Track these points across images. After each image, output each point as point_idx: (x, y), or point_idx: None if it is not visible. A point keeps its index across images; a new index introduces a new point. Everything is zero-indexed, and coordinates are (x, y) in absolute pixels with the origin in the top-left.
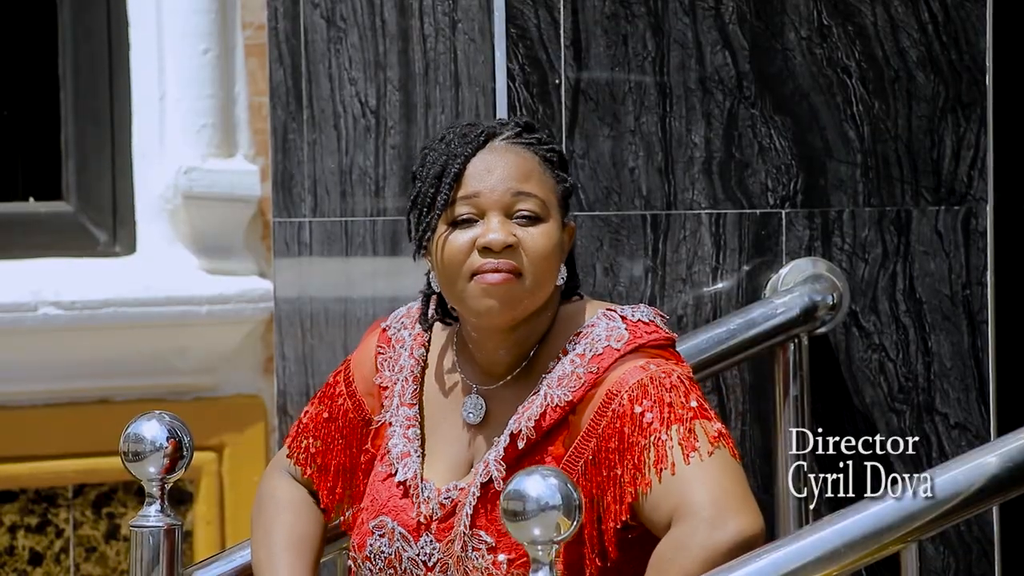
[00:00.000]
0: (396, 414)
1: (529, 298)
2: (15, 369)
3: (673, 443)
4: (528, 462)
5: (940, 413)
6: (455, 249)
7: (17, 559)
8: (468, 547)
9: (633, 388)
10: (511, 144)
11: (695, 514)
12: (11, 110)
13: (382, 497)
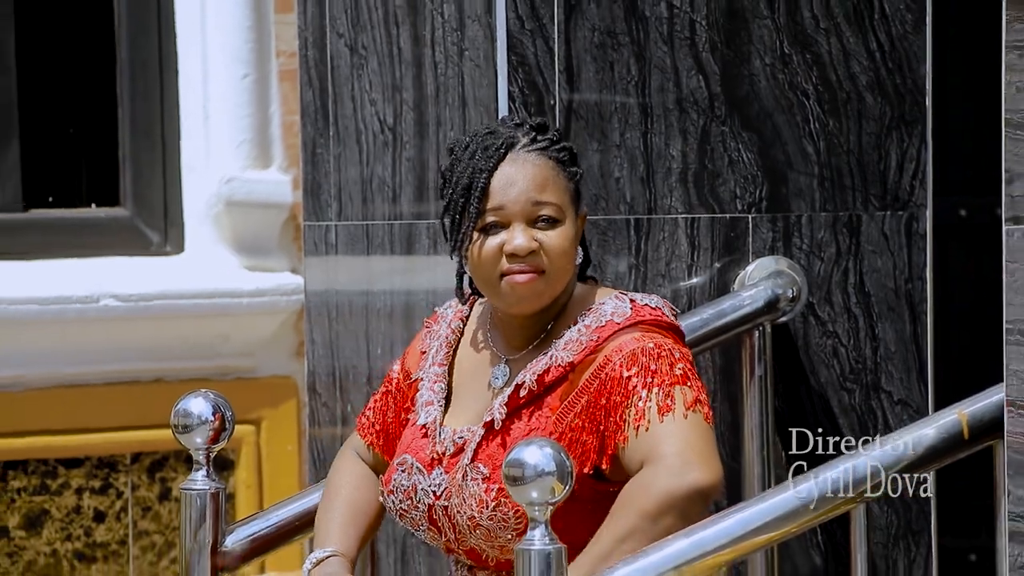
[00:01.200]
0: (427, 371)
1: (551, 290)
2: (81, 353)
3: (652, 404)
4: (528, 409)
5: (885, 391)
6: (487, 256)
7: (83, 517)
8: (467, 476)
9: (625, 356)
10: (528, 153)
11: (660, 461)
12: (76, 128)
13: (406, 439)
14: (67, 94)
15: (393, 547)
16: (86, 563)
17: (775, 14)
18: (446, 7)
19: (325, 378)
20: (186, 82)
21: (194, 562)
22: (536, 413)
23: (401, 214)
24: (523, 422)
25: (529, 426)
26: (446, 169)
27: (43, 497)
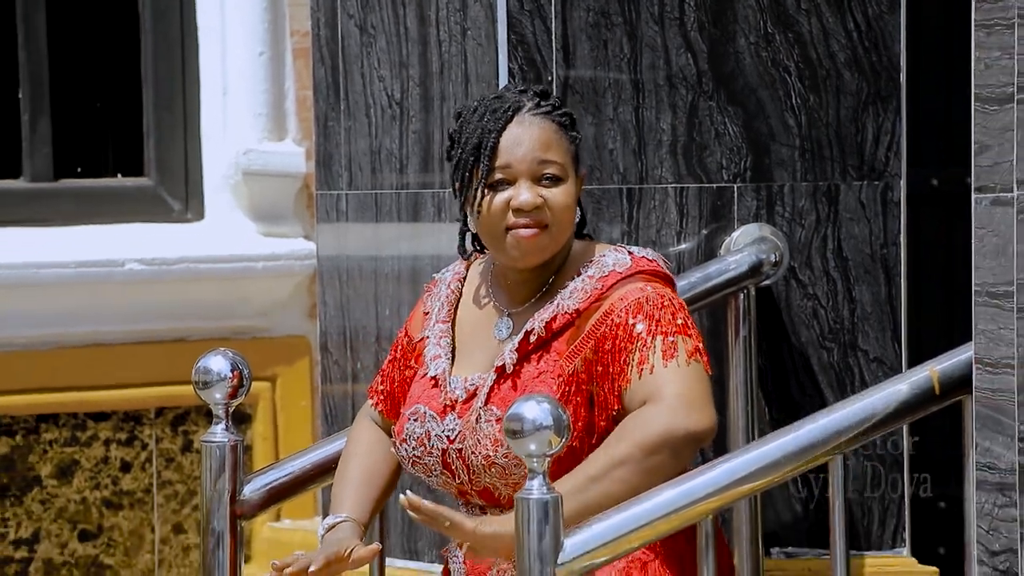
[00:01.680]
0: (432, 329)
1: (553, 244)
2: (107, 314)
3: (656, 350)
4: (537, 354)
5: (862, 350)
6: (495, 210)
7: (111, 467)
8: (481, 419)
9: (630, 304)
10: (533, 116)
11: (661, 401)
12: (103, 103)
13: (416, 392)
14: (95, 72)
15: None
16: (113, 510)
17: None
18: None
19: (336, 338)
20: (206, 60)
21: (214, 510)
22: (544, 357)
23: (408, 184)
24: (532, 366)
25: (538, 369)
26: (454, 131)
27: (73, 448)
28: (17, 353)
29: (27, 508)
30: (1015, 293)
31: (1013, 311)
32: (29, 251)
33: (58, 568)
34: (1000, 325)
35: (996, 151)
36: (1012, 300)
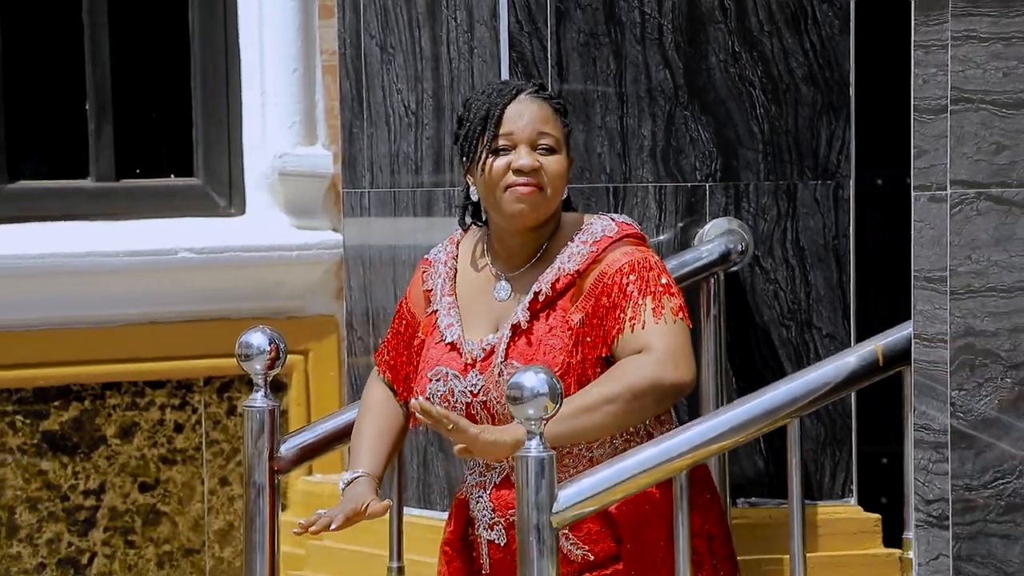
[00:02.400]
0: (440, 303)
1: (547, 205)
2: (162, 296)
3: (646, 307)
4: (545, 312)
5: (816, 327)
6: (497, 171)
7: (166, 428)
8: (503, 373)
9: (623, 266)
10: (533, 97)
11: (653, 352)
12: (158, 113)
13: (435, 356)
14: (150, 85)
15: (416, 454)
16: (168, 465)
17: (728, 19)
18: (459, 13)
19: (360, 317)
20: (247, 76)
21: (255, 465)
22: (552, 314)
23: (422, 183)
24: (542, 322)
25: (548, 325)
26: (463, 111)
27: (134, 412)
28: (85, 330)
29: (94, 463)
30: (948, 278)
31: (947, 294)
32: (95, 242)
33: (121, 515)
34: (935, 306)
35: (932, 155)
36: (946, 284)
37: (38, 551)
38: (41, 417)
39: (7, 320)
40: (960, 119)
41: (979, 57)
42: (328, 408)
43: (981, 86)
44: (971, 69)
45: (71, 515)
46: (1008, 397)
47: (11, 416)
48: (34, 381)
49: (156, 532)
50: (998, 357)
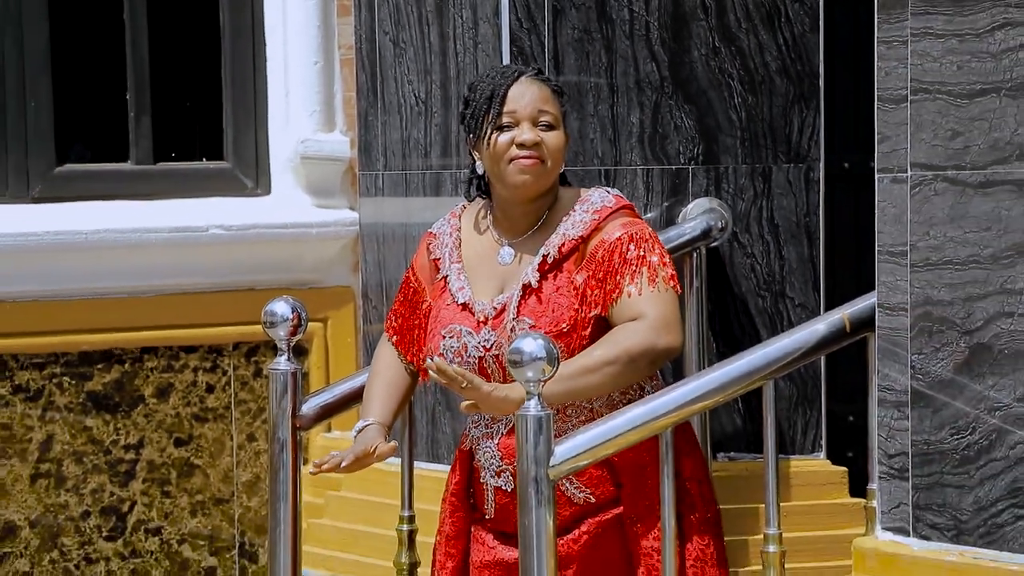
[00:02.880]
0: (450, 269)
1: (547, 176)
2: (195, 268)
3: (643, 276)
4: (552, 273)
5: (789, 297)
6: (501, 145)
7: (198, 388)
8: (515, 329)
9: (623, 236)
10: (534, 79)
11: (647, 319)
12: (191, 102)
13: (448, 316)
14: (184, 77)
15: (425, 412)
16: (200, 422)
17: (708, 17)
18: (464, 12)
19: (375, 288)
20: (272, 68)
21: (279, 423)
22: (558, 275)
23: (431, 166)
24: (549, 282)
25: (555, 285)
26: (468, 93)
27: (170, 374)
28: (125, 299)
29: (134, 420)
30: (908, 252)
31: (907, 267)
32: (134, 220)
33: (158, 467)
34: (897, 277)
35: (894, 140)
36: (906, 258)
37: (83, 500)
38: (86, 379)
39: (55, 290)
40: (919, 108)
41: (935, 52)
42: (345, 371)
43: (938, 78)
44: (928, 62)
45: (113, 467)
46: (962, 360)
47: (59, 377)
48: (79, 346)
49: (190, 483)
50: (953, 324)
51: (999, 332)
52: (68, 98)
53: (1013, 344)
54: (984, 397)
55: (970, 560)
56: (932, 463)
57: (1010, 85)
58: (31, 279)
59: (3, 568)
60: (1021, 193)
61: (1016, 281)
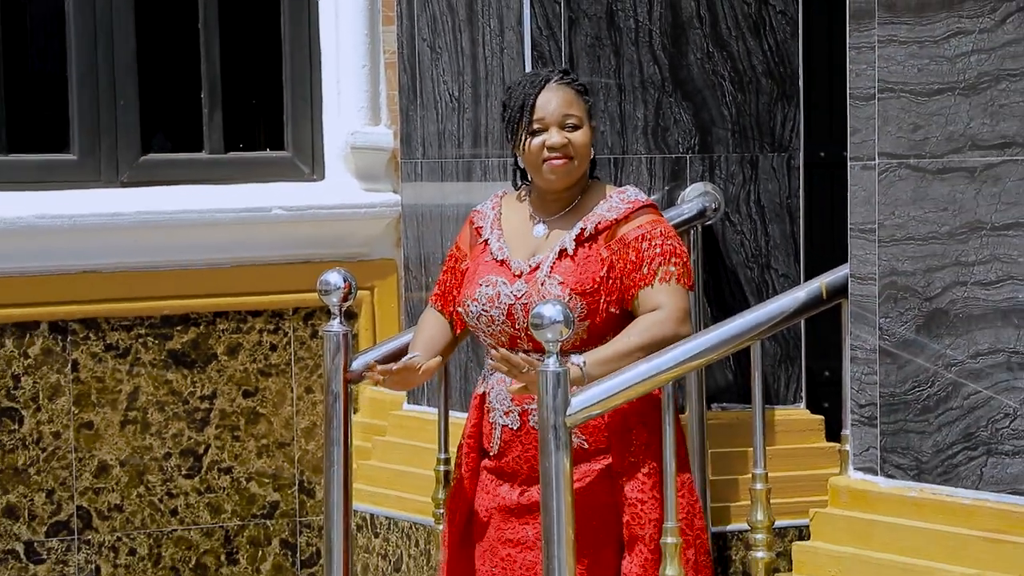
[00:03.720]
0: (491, 234)
1: (576, 171)
2: (259, 244)
3: (668, 271)
4: (586, 244)
5: (773, 268)
6: (534, 149)
7: (263, 347)
8: (546, 284)
9: (651, 232)
10: (559, 85)
11: (667, 309)
12: (257, 101)
13: (485, 269)
14: (250, 79)
15: (459, 369)
16: (265, 376)
17: (703, 26)
18: (492, 21)
19: (415, 260)
20: (326, 71)
21: (332, 377)
22: (591, 247)
23: (463, 155)
24: (583, 250)
25: (587, 253)
26: (505, 99)
27: (239, 335)
28: (201, 270)
29: (208, 375)
30: (876, 230)
31: (875, 242)
32: (207, 201)
33: (229, 415)
34: (867, 251)
35: (863, 133)
36: (875, 235)
37: (165, 443)
38: (167, 338)
39: (141, 262)
40: (885, 105)
41: (899, 56)
42: (389, 332)
43: (901, 79)
44: (893, 65)
45: (190, 415)
46: (922, 323)
47: (144, 337)
48: (161, 310)
49: (256, 429)
50: (915, 292)
51: (954, 299)
52: (152, 97)
53: (966, 309)
54: (941, 355)
55: (929, 495)
56: (897, 412)
57: (963, 85)
58: (120, 253)
59: (99, 500)
60: (973, 178)
61: (969, 255)
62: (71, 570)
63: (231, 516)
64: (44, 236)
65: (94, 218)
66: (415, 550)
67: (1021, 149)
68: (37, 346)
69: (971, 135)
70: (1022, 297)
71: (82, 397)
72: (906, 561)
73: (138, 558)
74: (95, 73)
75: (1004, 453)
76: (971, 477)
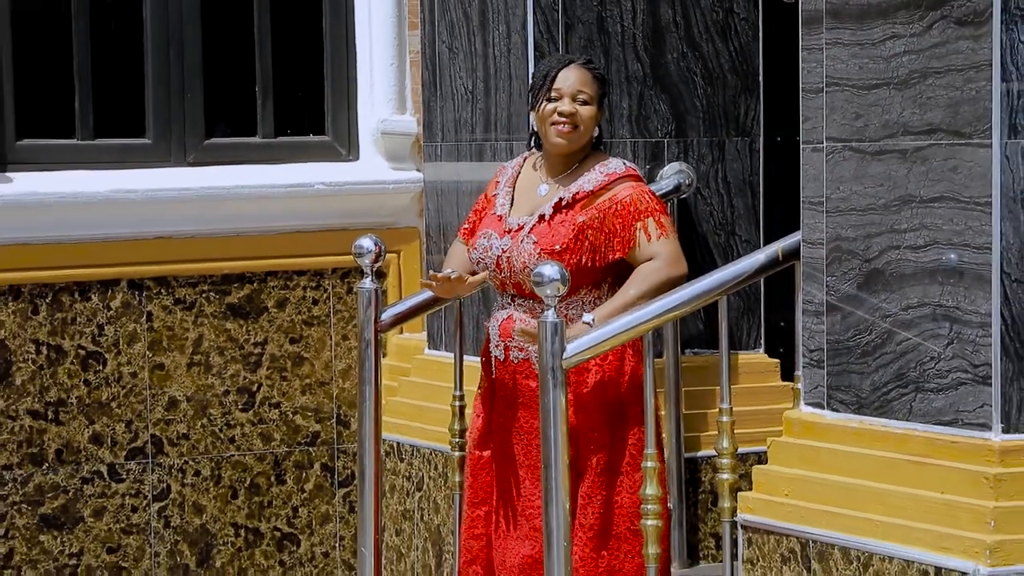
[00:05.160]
0: (502, 189)
1: (578, 139)
2: (303, 214)
3: (652, 226)
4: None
5: (737, 235)
6: (547, 111)
7: (306, 302)
8: (524, 241)
9: (634, 196)
10: (579, 66)
11: (661, 257)
12: (303, 94)
13: (487, 222)
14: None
15: (471, 319)
16: (308, 326)
17: (679, 30)
18: (501, 26)
19: (435, 229)
20: (360, 68)
21: (365, 327)
22: (567, 213)
23: (476, 140)
24: (559, 216)
25: (561, 219)
26: (535, 71)
27: (286, 291)
28: (254, 236)
29: (260, 324)
30: (824, 202)
31: (823, 212)
32: (261, 178)
33: (278, 359)
34: (816, 221)
35: (813, 120)
36: (823, 206)
37: (224, 382)
38: (225, 294)
39: (204, 230)
40: (832, 97)
41: (843, 56)
42: (413, 289)
43: (845, 75)
44: (839, 64)
45: (245, 358)
46: (862, 281)
47: (206, 293)
48: (221, 270)
49: (300, 370)
50: (856, 254)
51: (889, 260)
52: (214, 90)
53: (899, 269)
54: (878, 308)
55: (867, 426)
56: (840, 356)
57: (896, 81)
58: (187, 222)
59: (169, 429)
60: (904, 159)
61: (901, 223)
62: (146, 488)
63: (279, 444)
64: (124, 208)
65: (165, 192)
66: (434, 472)
67: (945, 134)
68: (118, 300)
69: (903, 123)
70: (945, 259)
71: (155, 343)
72: (848, 481)
73: (201, 478)
74: (167, 71)
75: (930, 390)
76: (902, 410)
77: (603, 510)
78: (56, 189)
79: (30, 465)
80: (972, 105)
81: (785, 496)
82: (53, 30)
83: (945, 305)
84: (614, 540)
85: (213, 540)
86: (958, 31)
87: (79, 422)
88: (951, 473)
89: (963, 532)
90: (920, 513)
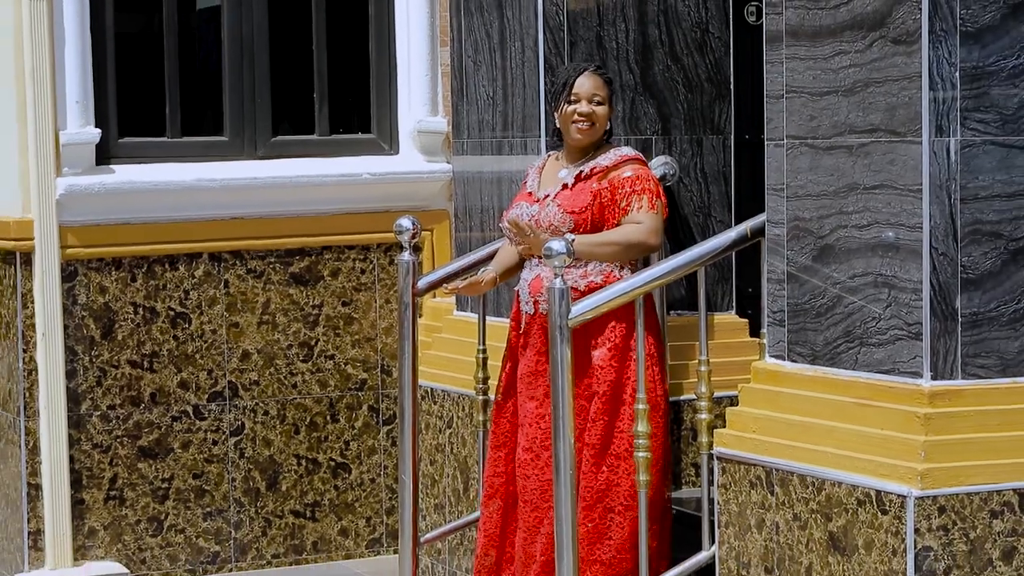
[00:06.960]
0: (531, 178)
1: (594, 134)
2: (354, 199)
3: (644, 200)
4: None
5: (713, 215)
6: (568, 112)
7: (355, 271)
8: (550, 207)
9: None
10: (593, 73)
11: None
12: (354, 98)
13: (521, 197)
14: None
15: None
16: (357, 292)
17: (664, 47)
18: (516, 43)
19: (462, 212)
20: (400, 77)
21: (404, 292)
22: (586, 183)
23: (496, 137)
24: (580, 184)
25: (581, 187)
26: (556, 77)
27: (339, 263)
28: (313, 217)
29: (316, 290)
30: (784, 188)
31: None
32: (318, 169)
33: (331, 319)
34: (778, 204)
35: (775, 121)
36: (783, 192)
37: (288, 338)
38: (288, 265)
39: (271, 212)
40: (791, 102)
41: (800, 68)
42: (443, 261)
43: (801, 84)
44: (797, 74)
45: (305, 319)
46: (816, 254)
47: (273, 264)
48: (284, 245)
49: (351, 328)
50: (811, 232)
51: (838, 237)
52: (279, 96)
53: (846, 245)
54: (829, 276)
55: (820, 374)
56: (798, 316)
57: (843, 89)
58: (257, 205)
59: (243, 376)
60: (850, 154)
61: (848, 207)
62: (224, 425)
63: (333, 389)
64: (205, 194)
65: (239, 181)
66: (462, 413)
67: (884, 133)
68: (200, 270)
69: (849, 123)
70: (884, 236)
71: (231, 305)
72: (804, 420)
73: (270, 417)
74: (241, 79)
75: (872, 344)
76: (849, 361)
77: (605, 432)
78: (150, 179)
79: (130, 406)
80: (906, 109)
81: (753, 432)
82: (148, 46)
83: (884, 274)
84: (613, 458)
85: (279, 468)
86: (894, 48)
87: (169, 370)
88: (889, 413)
89: (899, 461)
90: (864, 446)
